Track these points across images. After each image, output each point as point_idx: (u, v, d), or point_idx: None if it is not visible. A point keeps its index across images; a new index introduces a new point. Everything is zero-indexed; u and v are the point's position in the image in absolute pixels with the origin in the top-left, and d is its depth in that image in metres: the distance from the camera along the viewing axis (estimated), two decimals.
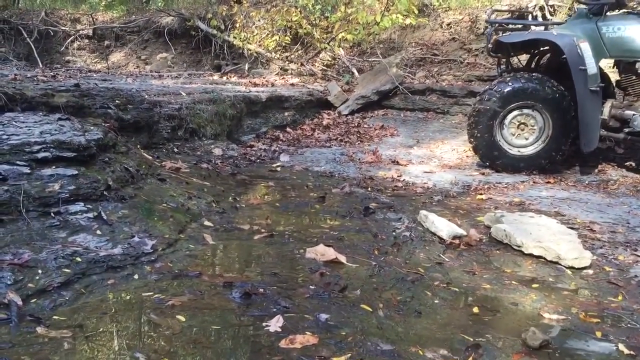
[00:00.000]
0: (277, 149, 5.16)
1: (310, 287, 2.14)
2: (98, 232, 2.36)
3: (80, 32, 10.99)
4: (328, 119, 6.61)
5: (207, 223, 2.86)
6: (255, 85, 7.14)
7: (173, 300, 1.94)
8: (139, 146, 3.74)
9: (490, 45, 4.70)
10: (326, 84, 7.51)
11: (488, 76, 7.33)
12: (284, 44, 8.86)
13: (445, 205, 3.51)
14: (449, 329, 1.90)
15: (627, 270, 2.50)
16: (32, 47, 10.07)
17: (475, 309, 2.06)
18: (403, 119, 6.58)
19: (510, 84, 4.36)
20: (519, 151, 4.46)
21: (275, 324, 1.80)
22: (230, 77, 8.58)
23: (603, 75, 4.37)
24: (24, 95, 3.22)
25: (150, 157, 3.66)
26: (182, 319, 1.82)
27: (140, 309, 1.91)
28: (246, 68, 9.05)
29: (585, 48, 4.11)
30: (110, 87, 4.59)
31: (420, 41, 8.46)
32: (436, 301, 2.12)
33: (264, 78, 8.18)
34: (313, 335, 1.75)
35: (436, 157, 5.09)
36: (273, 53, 8.87)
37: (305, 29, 8.55)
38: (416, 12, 7.78)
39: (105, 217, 2.45)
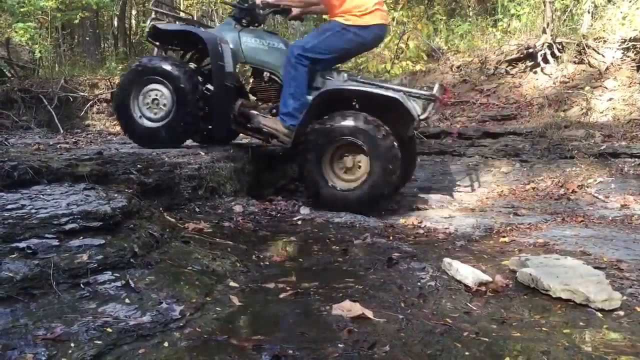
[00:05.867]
0: (296, 201, 5.21)
1: (339, 345, 2.13)
2: (127, 300, 2.39)
3: (99, 96, 11.31)
4: None
5: (232, 284, 2.88)
6: None
7: None
8: (161, 209, 3.79)
9: (148, 30, 5.12)
10: None
11: (502, 115, 7.41)
12: None
13: (468, 251, 3.50)
14: None
15: None
16: (53, 113, 10.37)
17: None
18: (420, 163, 6.60)
19: (148, 60, 4.83)
20: (151, 125, 4.89)
21: None
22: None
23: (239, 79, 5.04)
24: (49, 167, 3.31)
25: (173, 220, 3.72)
26: None
27: None
28: None
29: (227, 49, 4.84)
30: (131, 152, 4.69)
31: (431, 85, 8.55)
32: (466, 353, 2.10)
33: None
34: None
35: (456, 201, 5.09)
36: None
37: None
38: (425, 57, 7.93)
39: (133, 285, 2.49)
